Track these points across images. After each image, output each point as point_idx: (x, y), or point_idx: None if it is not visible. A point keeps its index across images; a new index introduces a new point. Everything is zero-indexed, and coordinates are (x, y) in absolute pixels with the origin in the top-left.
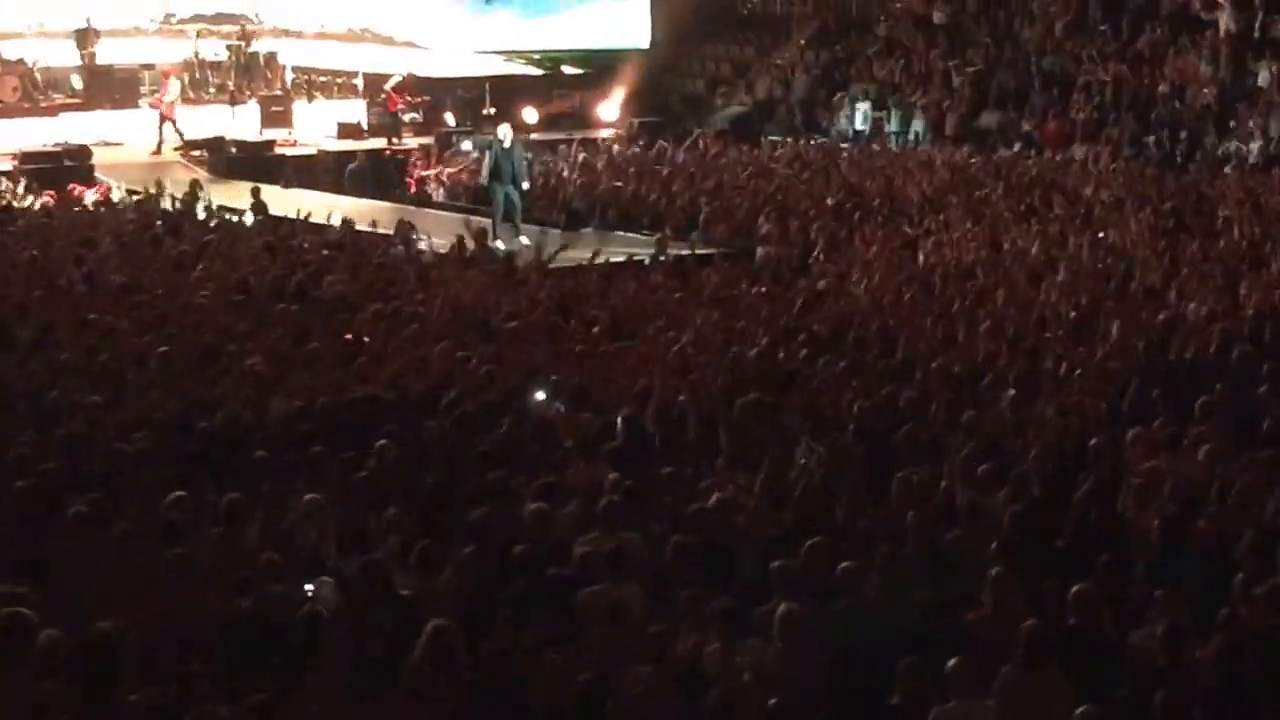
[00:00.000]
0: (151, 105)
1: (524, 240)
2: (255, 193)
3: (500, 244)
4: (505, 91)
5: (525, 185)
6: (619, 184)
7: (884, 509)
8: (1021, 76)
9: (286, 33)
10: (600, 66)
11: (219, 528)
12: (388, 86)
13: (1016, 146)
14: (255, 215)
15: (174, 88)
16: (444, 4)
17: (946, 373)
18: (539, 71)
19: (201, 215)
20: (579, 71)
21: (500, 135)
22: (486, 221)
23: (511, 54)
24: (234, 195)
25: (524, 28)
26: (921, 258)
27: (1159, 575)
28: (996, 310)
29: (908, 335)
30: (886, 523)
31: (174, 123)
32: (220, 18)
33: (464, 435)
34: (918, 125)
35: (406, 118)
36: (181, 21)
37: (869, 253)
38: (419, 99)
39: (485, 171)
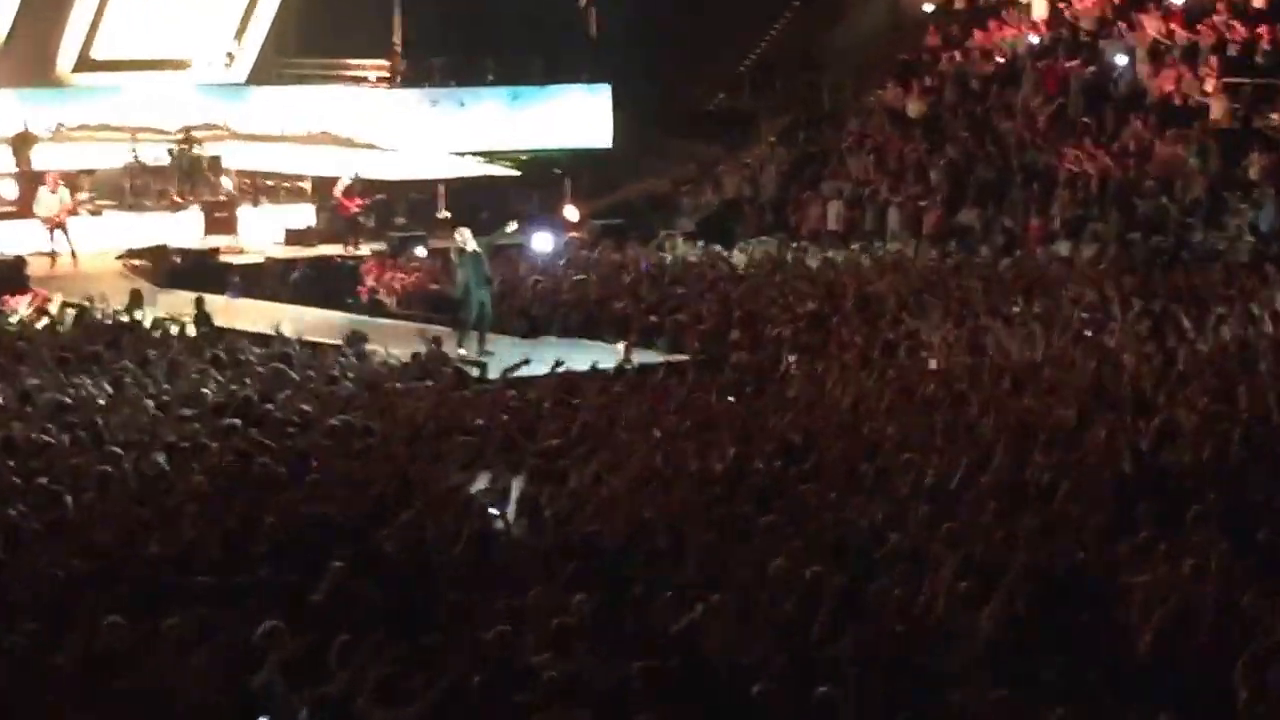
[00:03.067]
0: (44, 221)
1: (490, 351)
2: (199, 303)
3: (464, 351)
4: (460, 193)
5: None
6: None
7: (862, 625)
8: (1001, 171)
9: (232, 134)
10: (560, 165)
11: (163, 656)
12: (338, 190)
13: (1000, 243)
14: (200, 327)
15: (46, 199)
16: (413, 105)
17: (925, 483)
18: (500, 171)
19: (143, 328)
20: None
21: (460, 240)
22: (443, 331)
23: (470, 155)
24: (177, 305)
25: (487, 127)
26: (899, 363)
27: (1155, 693)
28: (978, 417)
29: (885, 445)
30: (864, 641)
31: (64, 231)
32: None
33: (420, 556)
34: (893, 223)
35: (360, 220)
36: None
37: (844, 358)
38: (370, 199)
39: (459, 281)
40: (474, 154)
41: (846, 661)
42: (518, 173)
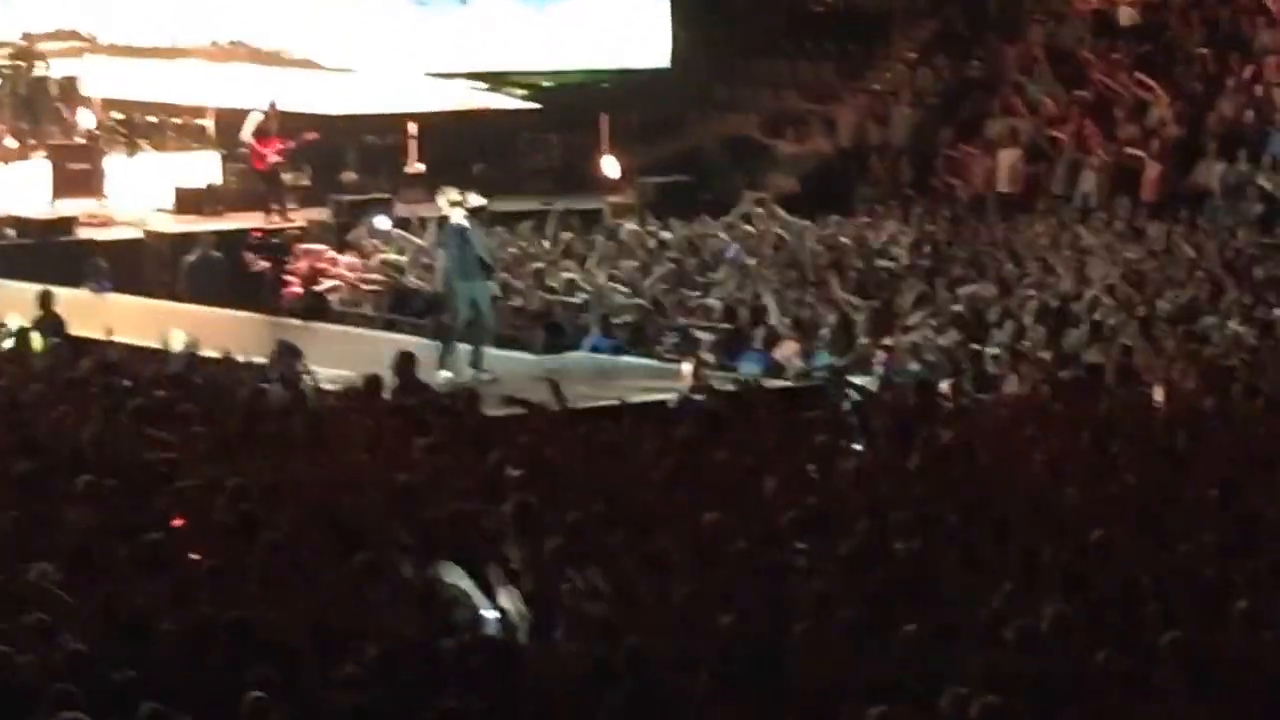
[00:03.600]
0: None
1: (485, 375)
2: (45, 301)
3: (447, 374)
4: (443, 135)
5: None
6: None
7: None
8: (1259, 107)
9: (96, 46)
10: (595, 95)
11: None
12: (246, 131)
13: (1255, 213)
14: (46, 336)
15: None
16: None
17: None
18: (507, 102)
19: None
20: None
21: (447, 208)
22: (415, 342)
23: (464, 76)
24: (11, 304)
25: (491, 37)
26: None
27: None
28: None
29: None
30: None
31: None
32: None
33: (389, 690)
34: (1089, 183)
35: (286, 177)
36: None
37: (1028, 385)
38: (299, 141)
39: (441, 269)
40: (466, 76)
41: None
42: (534, 105)
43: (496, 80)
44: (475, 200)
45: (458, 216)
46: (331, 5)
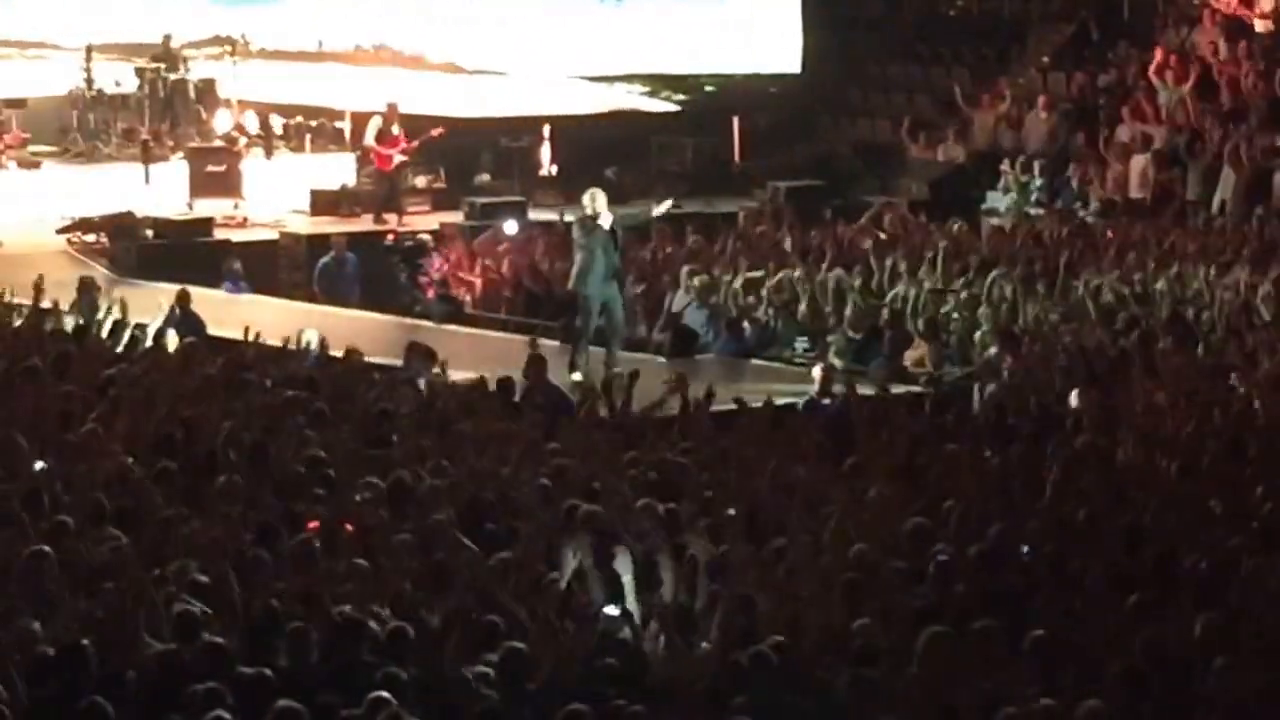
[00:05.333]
0: None
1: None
2: (183, 300)
3: (578, 376)
4: (576, 138)
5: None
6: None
7: None
8: None
9: (236, 48)
10: (728, 99)
11: None
12: (368, 136)
13: None
14: (182, 335)
15: None
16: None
17: None
18: (650, 104)
19: (100, 335)
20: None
21: (588, 208)
22: (549, 344)
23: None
24: (150, 304)
25: (630, 39)
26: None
27: None
28: None
29: (1221, 529)
30: None
31: None
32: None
33: (514, 680)
34: (1226, 189)
35: (418, 181)
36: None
37: (1157, 393)
38: (423, 140)
39: (578, 269)
40: (602, 79)
41: None
42: (668, 108)
43: (632, 83)
44: (606, 213)
45: (606, 220)
46: (476, 6)
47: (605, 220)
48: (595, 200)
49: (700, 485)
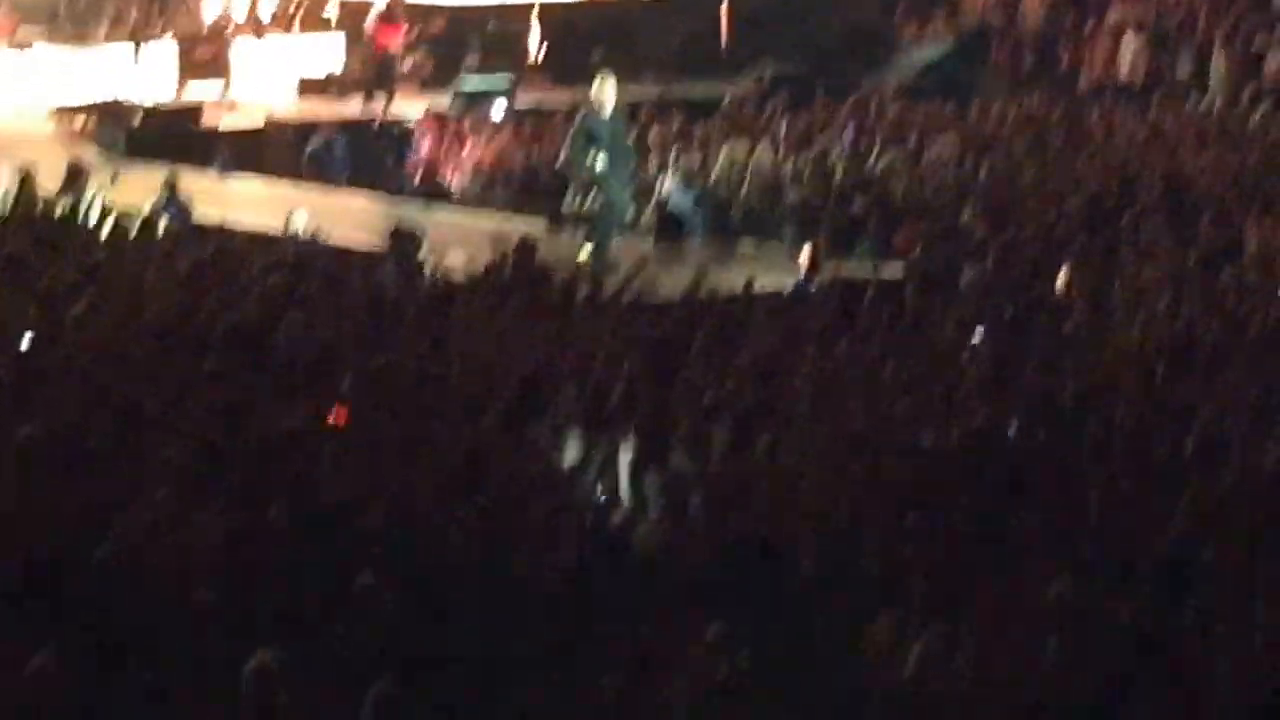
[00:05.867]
0: None
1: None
2: (171, 185)
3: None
4: (563, 24)
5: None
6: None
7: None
8: None
9: None
10: None
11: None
12: (370, 19)
13: None
14: (172, 219)
15: None
16: None
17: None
18: None
19: (89, 220)
20: None
21: (600, 96)
22: (536, 227)
23: None
24: (139, 189)
25: None
26: (1226, 281)
27: None
28: None
29: (1206, 409)
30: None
31: None
32: None
33: (499, 572)
34: (1218, 70)
35: (405, 65)
36: None
37: (1146, 273)
38: (417, 28)
39: (593, 154)
40: None
41: None
42: None
43: None
44: (611, 95)
45: (611, 108)
46: None
47: (606, 108)
48: (604, 88)
49: (692, 368)
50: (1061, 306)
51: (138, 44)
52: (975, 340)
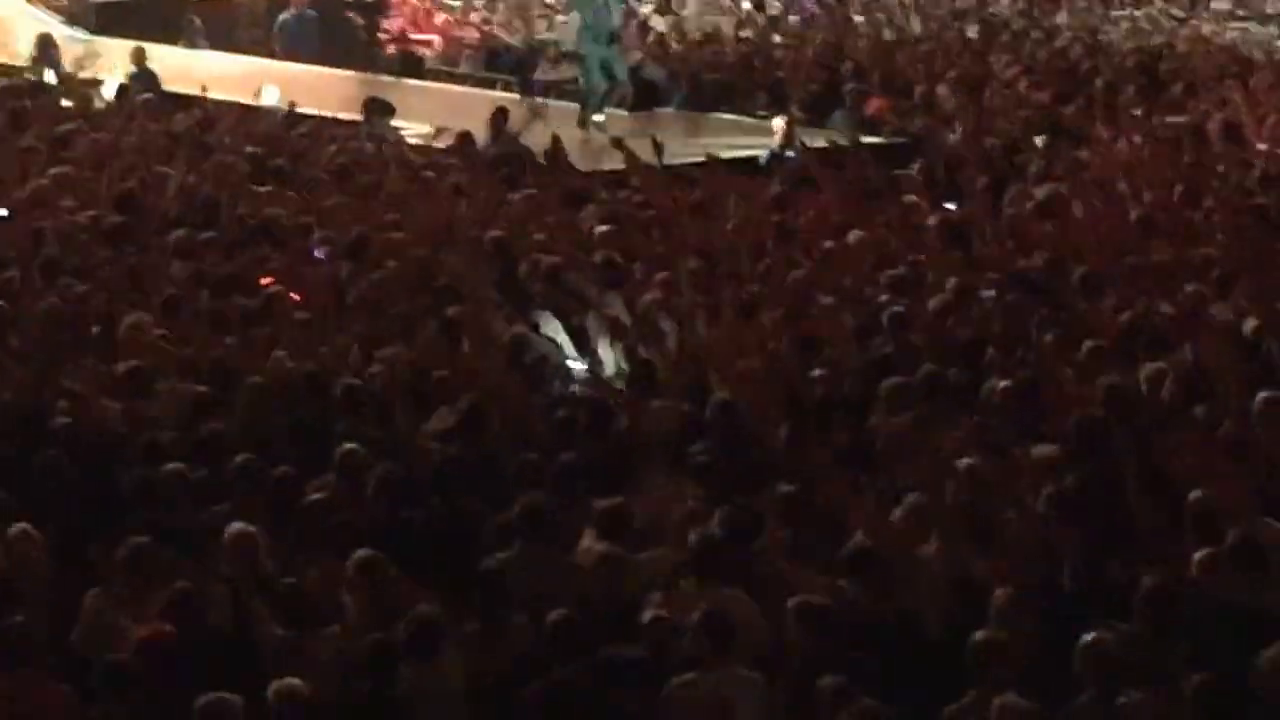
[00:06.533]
0: None
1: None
2: (139, 57)
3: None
4: None
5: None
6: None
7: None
8: None
9: None
10: None
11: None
12: None
13: None
14: (140, 92)
15: None
16: None
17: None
18: None
19: (57, 91)
20: None
21: None
22: (509, 99)
23: None
24: (109, 61)
25: None
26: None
27: None
28: None
29: (1181, 278)
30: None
31: None
32: None
33: (471, 435)
34: None
35: None
36: None
37: (1118, 147)
38: None
39: (577, 28)
40: None
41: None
42: None
43: None
44: None
45: None
46: None
47: None
48: None
49: (656, 238)
50: (1032, 177)
51: None
52: (949, 210)
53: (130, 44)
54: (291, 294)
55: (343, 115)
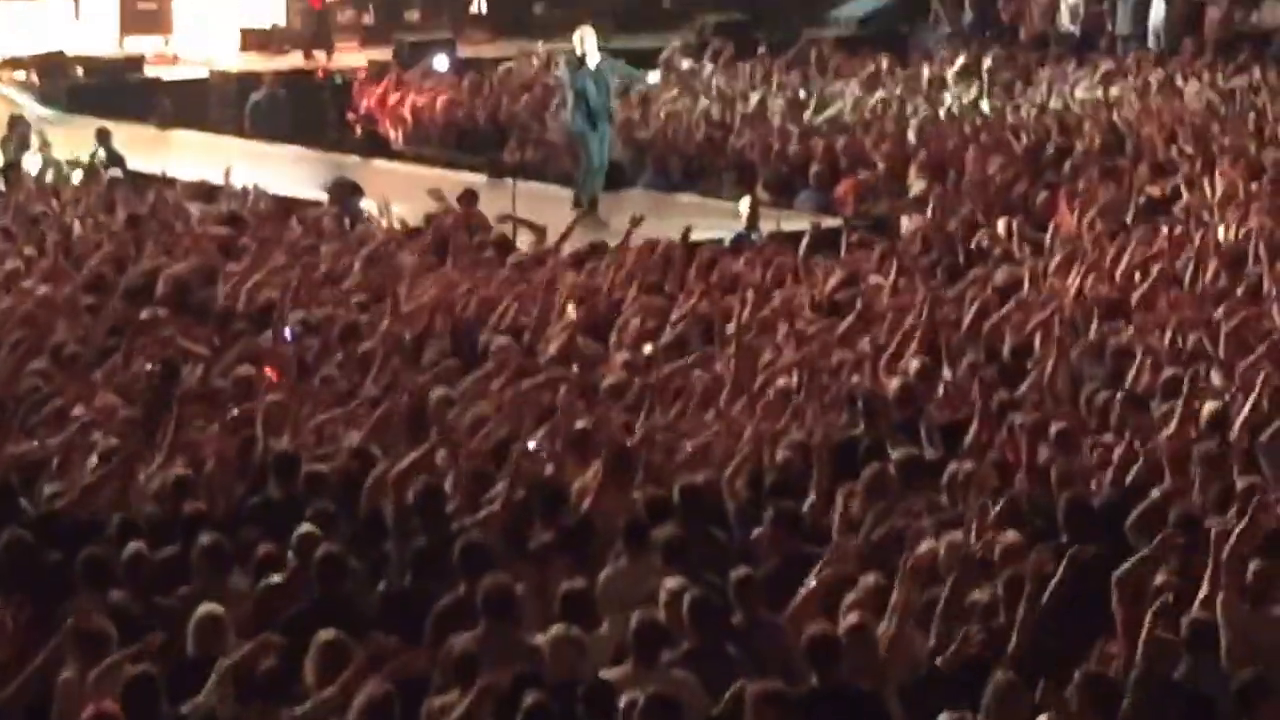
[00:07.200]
0: None
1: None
2: (103, 138)
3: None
4: None
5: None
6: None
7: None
8: None
9: None
10: None
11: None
12: None
13: None
14: (110, 172)
15: None
16: None
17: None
18: None
19: (29, 172)
20: None
21: (582, 45)
22: (477, 180)
23: None
24: (80, 140)
25: None
26: (1165, 233)
27: None
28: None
29: (1146, 363)
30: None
31: None
32: None
33: (434, 516)
34: (1156, 20)
35: (346, 15)
36: None
37: (1080, 226)
38: None
39: (571, 109)
40: None
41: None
42: None
43: None
44: (595, 51)
45: (595, 60)
46: None
47: (593, 60)
48: (584, 40)
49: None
50: (997, 257)
51: None
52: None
53: (100, 122)
54: (267, 371)
55: (312, 195)
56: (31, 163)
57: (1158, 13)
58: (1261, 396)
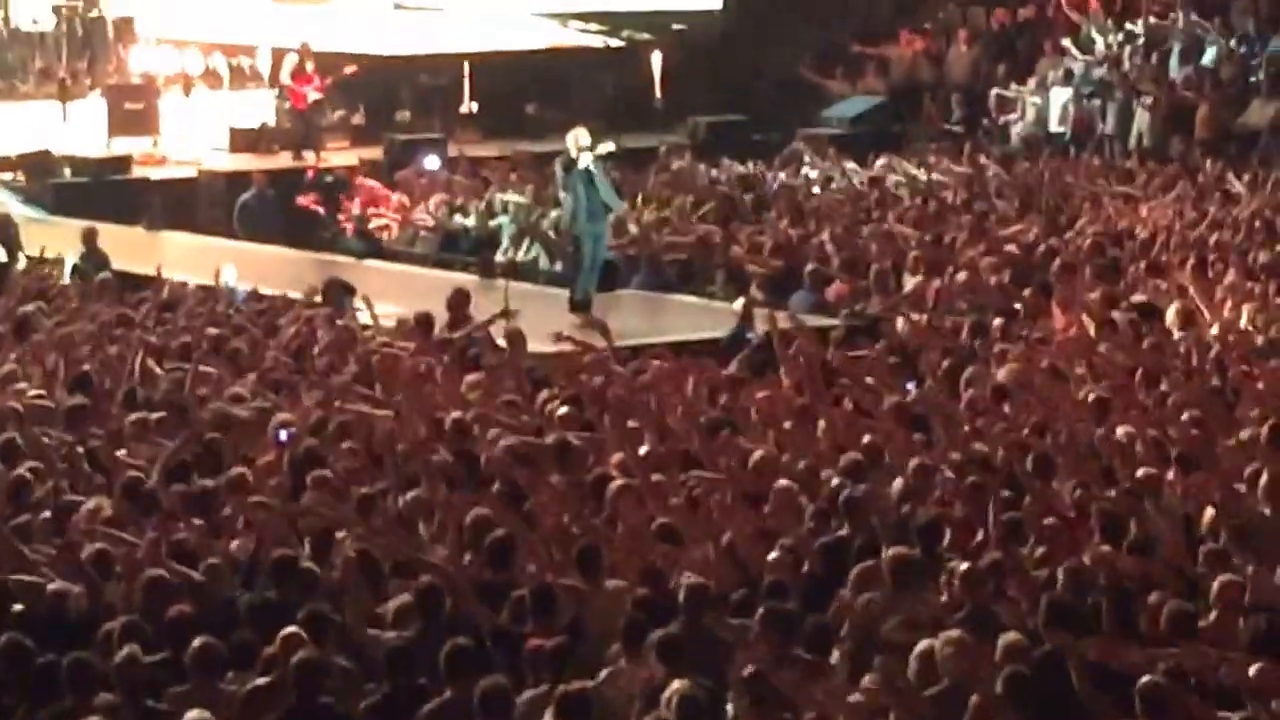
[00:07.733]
0: None
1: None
2: (89, 238)
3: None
4: (496, 75)
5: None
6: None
7: None
8: None
9: None
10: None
11: None
12: (284, 74)
13: None
14: (93, 273)
15: None
16: None
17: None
18: (575, 39)
19: (16, 272)
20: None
21: (577, 146)
22: (469, 280)
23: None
24: (67, 241)
25: None
26: (1159, 334)
27: None
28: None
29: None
30: None
31: None
32: None
33: (429, 623)
34: (1142, 122)
35: (336, 118)
36: None
37: (1073, 326)
38: (337, 77)
39: (569, 210)
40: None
41: None
42: (597, 43)
43: (553, 20)
44: (605, 146)
45: (586, 160)
46: None
47: (584, 161)
48: (577, 140)
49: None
50: (995, 356)
51: (65, 98)
52: (909, 392)
53: (88, 224)
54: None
55: (303, 296)
56: (18, 264)
57: (1143, 114)
58: None
